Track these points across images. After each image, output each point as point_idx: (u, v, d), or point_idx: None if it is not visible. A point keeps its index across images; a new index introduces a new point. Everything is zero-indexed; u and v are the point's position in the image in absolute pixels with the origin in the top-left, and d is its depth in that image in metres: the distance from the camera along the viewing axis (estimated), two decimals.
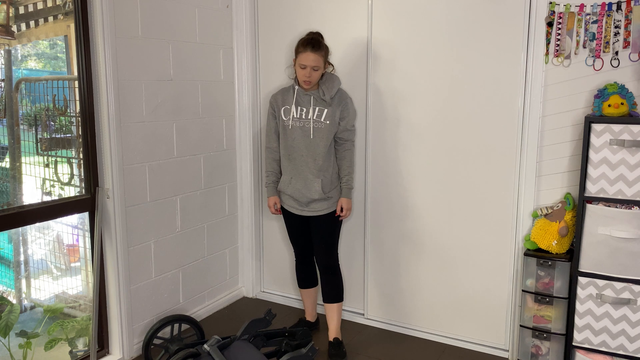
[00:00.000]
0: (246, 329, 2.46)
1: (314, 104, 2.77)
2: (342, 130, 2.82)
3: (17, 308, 2.65)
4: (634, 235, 2.25)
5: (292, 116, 2.80)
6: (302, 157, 2.78)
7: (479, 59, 2.77)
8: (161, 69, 2.91)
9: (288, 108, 2.82)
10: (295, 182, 2.80)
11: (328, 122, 2.75)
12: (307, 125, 2.77)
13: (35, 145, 2.63)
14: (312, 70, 2.69)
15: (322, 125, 2.76)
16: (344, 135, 2.83)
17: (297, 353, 2.26)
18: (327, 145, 2.78)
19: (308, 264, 3.07)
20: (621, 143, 2.23)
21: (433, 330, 3.11)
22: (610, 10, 2.44)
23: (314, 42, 2.70)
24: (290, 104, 2.81)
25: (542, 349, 2.60)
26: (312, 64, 2.67)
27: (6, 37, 2.43)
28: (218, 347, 2.32)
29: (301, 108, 2.79)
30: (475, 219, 2.90)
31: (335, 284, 2.93)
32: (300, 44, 2.74)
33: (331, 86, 2.78)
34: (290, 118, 2.80)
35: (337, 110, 2.78)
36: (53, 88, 2.63)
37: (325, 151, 2.77)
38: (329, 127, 2.76)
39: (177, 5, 2.97)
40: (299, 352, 2.27)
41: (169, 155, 3.00)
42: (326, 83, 2.78)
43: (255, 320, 2.50)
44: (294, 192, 2.81)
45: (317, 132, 2.77)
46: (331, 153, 2.82)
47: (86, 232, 2.79)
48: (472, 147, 2.85)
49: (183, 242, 3.16)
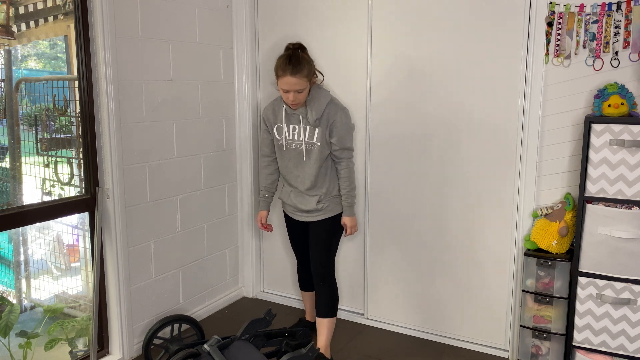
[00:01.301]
0: (246, 329, 2.46)
1: (304, 124, 2.65)
2: (334, 149, 2.69)
3: (17, 308, 2.65)
4: (634, 235, 2.25)
5: (284, 137, 2.71)
6: (298, 178, 2.74)
7: (478, 59, 2.77)
8: (161, 69, 2.91)
9: (280, 127, 2.72)
10: (294, 197, 2.80)
11: (319, 143, 2.65)
12: (300, 147, 2.69)
13: (35, 145, 2.63)
14: (296, 93, 2.55)
15: (314, 147, 2.66)
16: (338, 154, 2.70)
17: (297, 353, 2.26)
18: (321, 166, 2.69)
19: (308, 269, 3.02)
20: (621, 143, 2.23)
21: (433, 330, 3.11)
22: (610, 10, 2.44)
23: (292, 62, 2.51)
24: (282, 122, 2.71)
25: (542, 349, 2.60)
26: (294, 87, 2.52)
27: (6, 37, 2.43)
28: (218, 347, 2.32)
29: (293, 127, 2.69)
30: (476, 218, 2.90)
31: (326, 297, 2.79)
32: (278, 66, 2.56)
33: (317, 106, 2.61)
34: (284, 138, 2.72)
35: (327, 129, 2.65)
36: (53, 88, 2.63)
37: (319, 171, 2.70)
38: (321, 148, 2.66)
39: (177, 5, 2.97)
40: (299, 352, 2.26)
41: (169, 155, 3.00)
42: (312, 102, 2.62)
43: (255, 320, 2.50)
44: (293, 204, 2.81)
45: (310, 153, 2.68)
46: (327, 168, 2.73)
47: (86, 232, 2.79)
48: (472, 147, 2.85)
49: (183, 242, 3.16)
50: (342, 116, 2.67)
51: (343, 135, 2.67)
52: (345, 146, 2.70)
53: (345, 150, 2.71)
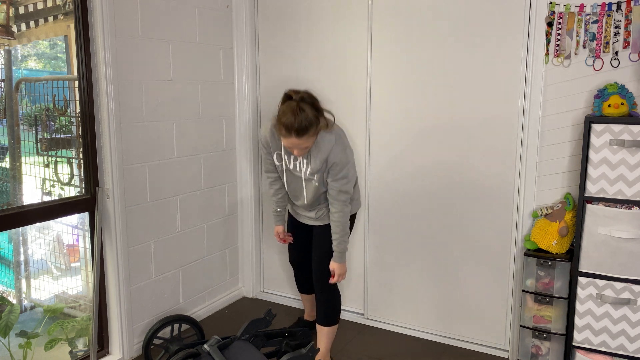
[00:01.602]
0: (246, 329, 2.46)
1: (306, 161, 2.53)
2: (331, 191, 2.53)
3: (17, 308, 2.65)
4: (634, 235, 2.25)
5: (284, 166, 2.61)
6: (299, 200, 2.69)
7: (478, 59, 2.77)
8: (161, 69, 2.91)
9: (280, 154, 2.61)
10: (297, 208, 2.78)
11: (317, 183, 2.56)
12: (299, 177, 2.59)
13: (35, 145, 2.63)
14: (301, 149, 2.39)
15: (313, 181, 2.56)
16: (334, 195, 2.51)
17: (297, 353, 2.26)
18: (321, 193, 2.59)
19: (303, 271, 2.97)
20: (621, 143, 2.23)
21: (433, 330, 3.11)
22: (610, 10, 2.44)
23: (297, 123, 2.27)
24: (282, 152, 2.58)
25: (542, 349, 2.60)
26: (300, 146, 2.36)
27: (6, 37, 2.43)
28: (218, 347, 2.32)
29: (294, 157, 2.56)
30: (475, 218, 2.90)
31: (327, 305, 2.71)
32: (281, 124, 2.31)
33: (321, 154, 2.45)
34: (284, 167, 2.61)
35: (325, 171, 2.51)
36: (53, 88, 2.63)
37: (320, 196, 2.60)
38: (319, 185, 2.57)
39: (177, 5, 2.97)
40: (299, 352, 2.26)
41: (169, 155, 3.00)
42: (316, 149, 2.45)
43: (255, 321, 2.50)
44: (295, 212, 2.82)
45: (309, 183, 2.58)
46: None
47: (86, 232, 2.79)
48: (472, 147, 2.85)
49: (183, 242, 3.16)
50: (343, 158, 2.47)
51: (340, 179, 2.49)
52: (342, 189, 2.51)
53: (342, 193, 2.51)
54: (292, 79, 3.32)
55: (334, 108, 3.19)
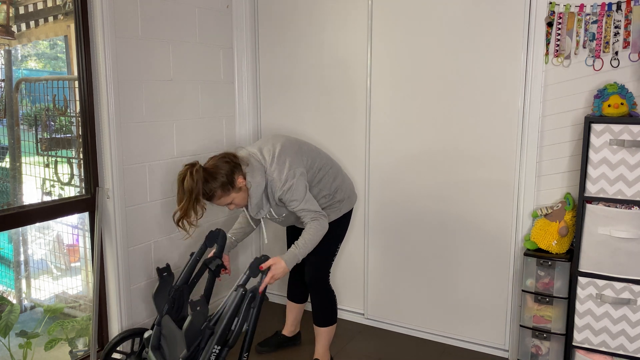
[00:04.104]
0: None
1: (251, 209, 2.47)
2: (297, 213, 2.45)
3: (17, 308, 2.65)
4: (634, 235, 2.25)
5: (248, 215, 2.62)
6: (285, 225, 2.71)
7: (478, 59, 2.77)
8: (161, 69, 2.91)
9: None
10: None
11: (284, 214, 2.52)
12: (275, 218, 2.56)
13: (35, 145, 2.63)
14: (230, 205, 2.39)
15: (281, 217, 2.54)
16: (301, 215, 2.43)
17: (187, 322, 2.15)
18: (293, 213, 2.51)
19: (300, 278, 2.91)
20: (621, 143, 2.23)
21: (433, 330, 3.11)
22: (610, 11, 2.44)
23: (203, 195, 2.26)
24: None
25: (542, 349, 2.60)
26: (223, 204, 2.37)
27: (6, 37, 2.43)
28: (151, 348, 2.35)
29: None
30: (475, 218, 2.90)
31: (321, 304, 2.68)
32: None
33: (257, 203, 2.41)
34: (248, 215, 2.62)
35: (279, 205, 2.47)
36: (53, 88, 2.63)
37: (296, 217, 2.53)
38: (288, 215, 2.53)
39: (177, 5, 2.98)
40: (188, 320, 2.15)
41: (169, 155, 3.00)
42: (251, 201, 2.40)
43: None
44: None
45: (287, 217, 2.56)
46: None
47: (86, 232, 2.79)
48: (472, 147, 2.85)
49: (183, 243, 3.16)
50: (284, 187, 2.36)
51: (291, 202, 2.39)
52: (298, 209, 2.40)
53: (303, 212, 2.40)
54: (292, 79, 3.32)
55: (334, 108, 3.21)
